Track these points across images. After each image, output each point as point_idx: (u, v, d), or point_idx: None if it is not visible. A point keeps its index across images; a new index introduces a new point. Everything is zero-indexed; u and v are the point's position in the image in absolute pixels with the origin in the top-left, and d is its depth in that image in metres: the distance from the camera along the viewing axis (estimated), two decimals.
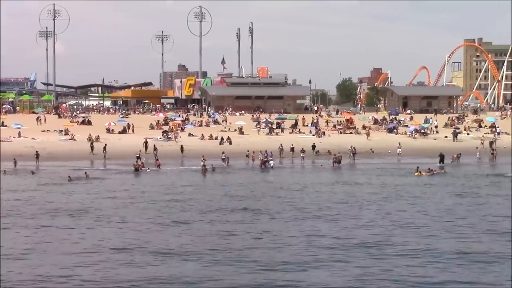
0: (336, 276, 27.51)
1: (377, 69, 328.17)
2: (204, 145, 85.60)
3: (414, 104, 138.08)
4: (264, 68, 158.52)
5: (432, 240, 33.85)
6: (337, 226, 37.70)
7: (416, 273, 27.91)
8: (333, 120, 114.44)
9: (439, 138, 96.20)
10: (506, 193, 51.15)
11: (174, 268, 28.76)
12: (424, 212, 42.73)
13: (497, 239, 34.41)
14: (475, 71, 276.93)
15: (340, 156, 72.31)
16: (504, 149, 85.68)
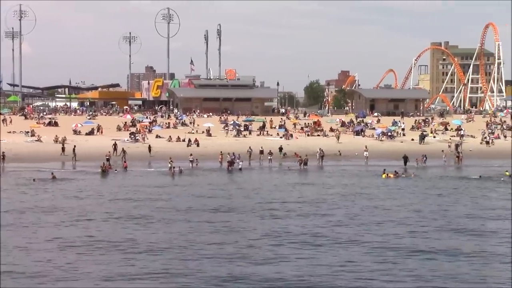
0: (288, 266, 29.13)
1: (344, 72, 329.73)
2: (171, 147, 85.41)
3: (381, 107, 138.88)
4: (232, 70, 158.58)
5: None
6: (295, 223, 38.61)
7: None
8: (301, 122, 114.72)
9: (405, 141, 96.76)
10: (471, 194, 51.85)
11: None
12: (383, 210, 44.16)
13: (454, 237, 35.43)
14: (441, 74, 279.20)
15: (307, 158, 72.60)
16: (469, 152, 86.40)
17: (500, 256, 31.45)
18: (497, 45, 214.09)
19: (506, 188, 56.46)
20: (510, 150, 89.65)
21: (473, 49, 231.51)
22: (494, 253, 32.11)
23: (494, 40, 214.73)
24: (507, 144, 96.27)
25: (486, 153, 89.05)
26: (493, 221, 40.51)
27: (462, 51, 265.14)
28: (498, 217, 41.94)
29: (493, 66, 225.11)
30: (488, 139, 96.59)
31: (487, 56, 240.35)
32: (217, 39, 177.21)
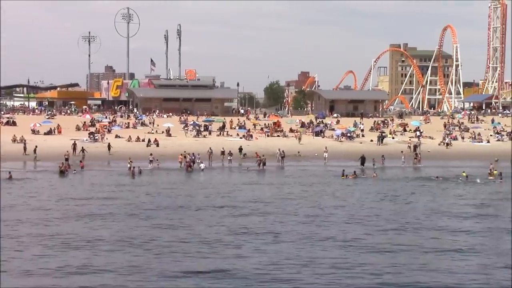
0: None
1: (304, 73, 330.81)
2: (131, 147, 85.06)
3: (340, 108, 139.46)
4: (192, 70, 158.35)
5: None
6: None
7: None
8: (261, 123, 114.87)
9: (365, 141, 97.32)
10: (428, 194, 52.33)
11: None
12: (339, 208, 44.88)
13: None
14: (400, 75, 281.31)
15: (265, 158, 72.78)
16: (428, 153, 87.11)
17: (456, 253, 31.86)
18: (455, 47, 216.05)
19: (463, 188, 57.10)
20: (467, 151, 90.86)
21: (431, 51, 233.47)
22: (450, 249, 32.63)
23: (452, 42, 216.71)
24: (464, 145, 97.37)
25: (444, 154, 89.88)
26: (449, 220, 40.91)
27: (421, 53, 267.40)
28: (455, 216, 42.46)
29: (451, 68, 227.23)
30: (448, 140, 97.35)
31: (446, 58, 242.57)
32: (177, 39, 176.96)
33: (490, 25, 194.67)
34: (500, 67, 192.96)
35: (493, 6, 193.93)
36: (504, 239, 35.57)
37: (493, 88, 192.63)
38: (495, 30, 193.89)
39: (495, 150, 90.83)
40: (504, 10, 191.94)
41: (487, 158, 78.38)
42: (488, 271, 28.76)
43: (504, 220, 41.03)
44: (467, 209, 46.03)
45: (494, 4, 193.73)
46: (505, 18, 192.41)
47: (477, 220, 41.86)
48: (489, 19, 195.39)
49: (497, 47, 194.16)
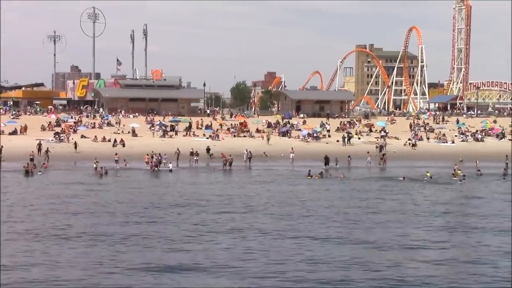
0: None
1: (271, 73, 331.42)
2: (96, 147, 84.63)
3: (307, 108, 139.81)
4: (158, 70, 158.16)
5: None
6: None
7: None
8: (227, 123, 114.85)
9: (331, 142, 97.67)
10: (393, 194, 52.71)
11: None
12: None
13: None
14: (366, 76, 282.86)
15: (231, 159, 72.87)
16: (393, 153, 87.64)
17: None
18: (421, 48, 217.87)
19: (428, 189, 57.57)
20: (432, 152, 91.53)
21: (397, 52, 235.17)
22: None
23: (418, 43, 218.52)
24: (430, 145, 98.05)
25: (410, 154, 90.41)
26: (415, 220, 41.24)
27: (387, 54, 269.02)
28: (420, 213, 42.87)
29: (416, 69, 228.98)
30: (414, 141, 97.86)
31: (411, 59, 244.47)
32: (144, 39, 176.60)
33: (454, 26, 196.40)
34: (465, 68, 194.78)
35: (458, 8, 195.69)
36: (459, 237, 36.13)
37: (457, 89, 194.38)
38: (459, 32, 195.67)
39: (460, 150, 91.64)
40: (469, 11, 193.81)
41: (452, 159, 79.21)
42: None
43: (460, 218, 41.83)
44: (431, 207, 46.78)
45: (459, 6, 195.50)
46: (470, 19, 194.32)
47: (439, 218, 42.67)
48: (453, 20, 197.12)
49: (462, 48, 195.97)
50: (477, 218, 42.70)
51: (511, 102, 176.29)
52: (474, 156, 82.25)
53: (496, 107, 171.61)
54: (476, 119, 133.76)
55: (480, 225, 39.97)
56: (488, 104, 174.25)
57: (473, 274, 28.48)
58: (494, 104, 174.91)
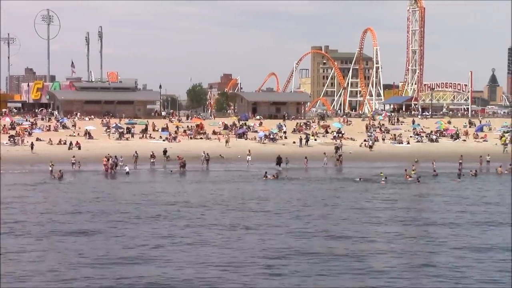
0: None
1: (227, 75, 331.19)
2: (52, 150, 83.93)
3: (263, 110, 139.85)
4: (114, 72, 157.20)
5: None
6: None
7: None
8: (184, 125, 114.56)
9: (287, 143, 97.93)
10: (352, 195, 53.06)
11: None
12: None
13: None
14: (322, 78, 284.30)
15: (184, 160, 72.92)
16: (349, 154, 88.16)
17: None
18: (376, 49, 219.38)
19: (385, 189, 58.07)
20: (388, 153, 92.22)
21: (352, 54, 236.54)
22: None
23: (373, 45, 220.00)
24: (385, 146, 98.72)
25: (366, 155, 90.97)
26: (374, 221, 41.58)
27: (342, 55, 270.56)
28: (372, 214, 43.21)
29: (371, 70, 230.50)
30: (371, 143, 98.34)
31: (366, 60, 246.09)
32: (99, 41, 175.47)
33: (409, 28, 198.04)
34: (419, 69, 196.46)
35: (412, 9, 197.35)
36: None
37: (412, 90, 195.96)
38: (414, 33, 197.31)
39: (415, 151, 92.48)
40: (423, 13, 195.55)
41: (408, 159, 80.00)
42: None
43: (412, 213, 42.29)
44: (381, 205, 47.96)
45: (413, 7, 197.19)
46: (423, 21, 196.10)
47: (392, 213, 43.64)
48: (408, 22, 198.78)
49: (416, 50, 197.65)
50: (430, 214, 43.80)
51: (465, 103, 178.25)
52: (429, 156, 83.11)
53: (450, 108, 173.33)
54: (431, 120, 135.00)
55: (435, 220, 40.92)
56: (442, 105, 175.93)
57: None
58: (449, 105, 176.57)
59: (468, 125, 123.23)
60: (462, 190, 57.57)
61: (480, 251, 32.58)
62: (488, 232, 37.66)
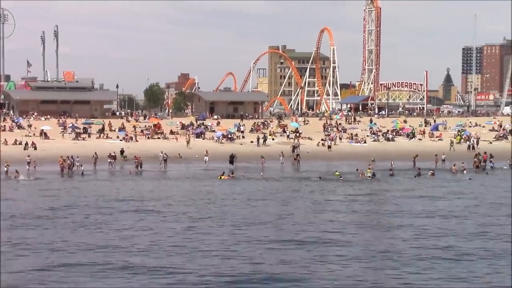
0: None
1: (184, 74, 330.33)
2: (7, 151, 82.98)
3: (221, 109, 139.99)
4: (70, 72, 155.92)
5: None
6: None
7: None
8: (141, 125, 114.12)
9: (245, 143, 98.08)
10: (311, 195, 53.32)
11: None
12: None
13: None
14: (279, 77, 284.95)
15: (141, 161, 73.05)
16: (307, 153, 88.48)
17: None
18: (332, 49, 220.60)
19: (343, 188, 58.46)
20: (345, 152, 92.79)
21: (309, 53, 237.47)
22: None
23: (329, 44, 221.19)
24: (342, 145, 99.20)
25: (323, 154, 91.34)
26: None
27: (299, 55, 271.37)
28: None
29: (328, 70, 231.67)
30: (330, 143, 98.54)
31: (323, 60, 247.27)
32: (54, 40, 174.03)
33: (365, 27, 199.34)
34: (376, 69, 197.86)
35: (368, 9, 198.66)
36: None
37: (369, 89, 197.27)
38: (370, 33, 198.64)
39: (372, 150, 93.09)
40: (379, 13, 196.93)
41: (365, 158, 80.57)
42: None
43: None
44: (340, 205, 48.33)
45: (369, 7, 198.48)
46: (380, 21, 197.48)
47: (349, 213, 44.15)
48: (364, 21, 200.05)
49: (372, 50, 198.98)
50: (389, 213, 44.37)
51: (420, 102, 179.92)
52: (386, 155, 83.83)
53: (406, 107, 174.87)
54: (387, 119, 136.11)
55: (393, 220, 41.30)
56: (398, 105, 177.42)
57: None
58: (404, 105, 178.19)
59: (423, 124, 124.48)
60: (421, 189, 58.06)
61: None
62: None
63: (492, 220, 41.44)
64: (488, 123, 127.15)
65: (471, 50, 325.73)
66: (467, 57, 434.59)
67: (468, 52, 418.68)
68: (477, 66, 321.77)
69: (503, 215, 43.35)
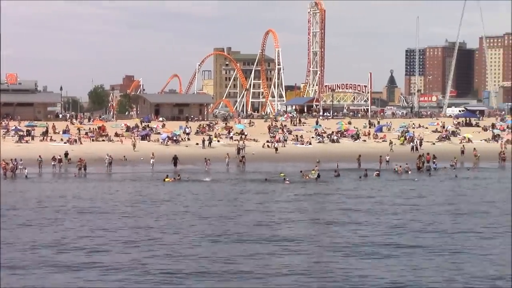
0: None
1: (129, 76, 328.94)
2: None
3: (166, 112, 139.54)
4: (13, 74, 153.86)
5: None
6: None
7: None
8: (85, 127, 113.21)
9: (190, 145, 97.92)
10: (257, 196, 53.49)
11: None
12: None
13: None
14: (224, 79, 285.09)
15: (85, 163, 72.62)
16: (252, 155, 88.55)
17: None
18: (277, 51, 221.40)
19: (288, 189, 58.74)
20: (291, 153, 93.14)
21: (254, 55, 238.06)
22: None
23: (274, 46, 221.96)
24: (288, 147, 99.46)
25: (269, 156, 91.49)
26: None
27: (244, 57, 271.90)
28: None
29: (273, 72, 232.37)
30: (277, 145, 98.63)
31: (268, 62, 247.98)
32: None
33: (310, 29, 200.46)
34: (320, 70, 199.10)
35: (312, 12, 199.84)
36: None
37: (314, 91, 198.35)
38: (314, 35, 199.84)
39: (318, 151, 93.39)
40: (323, 15, 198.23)
41: (310, 160, 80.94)
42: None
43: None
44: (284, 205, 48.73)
45: (313, 10, 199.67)
46: (324, 23, 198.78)
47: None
48: (308, 23, 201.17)
49: (317, 51, 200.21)
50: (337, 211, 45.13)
51: (365, 104, 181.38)
52: (331, 157, 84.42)
53: (351, 109, 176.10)
54: (332, 121, 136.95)
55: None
56: (343, 106, 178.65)
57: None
58: (349, 106, 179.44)
59: (368, 125, 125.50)
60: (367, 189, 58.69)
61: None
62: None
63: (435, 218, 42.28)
64: (431, 124, 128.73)
65: (414, 52, 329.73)
66: (410, 59, 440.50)
67: (411, 54, 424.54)
68: (420, 68, 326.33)
69: (445, 213, 44.66)
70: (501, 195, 54.88)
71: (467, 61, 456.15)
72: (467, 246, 33.95)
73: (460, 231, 37.96)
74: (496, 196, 54.53)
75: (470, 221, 41.59)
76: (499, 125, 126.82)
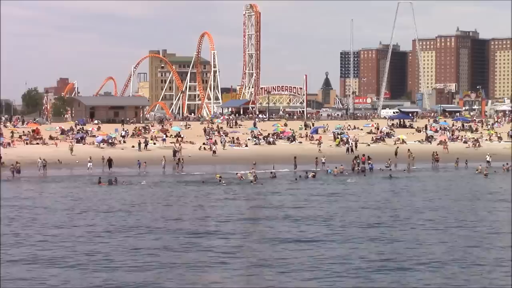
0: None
1: (63, 79, 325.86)
2: None
3: (101, 114, 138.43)
4: None
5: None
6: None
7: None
8: (19, 130, 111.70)
9: (126, 148, 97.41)
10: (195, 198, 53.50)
11: None
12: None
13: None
14: (160, 81, 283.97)
15: (19, 167, 71.71)
16: (189, 158, 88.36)
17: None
18: (213, 53, 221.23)
19: (224, 191, 58.96)
20: (227, 156, 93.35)
21: (190, 58, 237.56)
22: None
23: (210, 49, 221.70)
24: (225, 149, 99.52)
25: (205, 158, 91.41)
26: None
27: (180, 59, 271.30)
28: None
29: (209, 74, 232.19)
30: (215, 148, 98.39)
31: (204, 64, 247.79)
32: None
33: (245, 32, 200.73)
34: (256, 73, 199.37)
35: (248, 14, 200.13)
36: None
37: (250, 93, 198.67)
38: (250, 37, 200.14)
39: (254, 153, 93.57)
40: (258, 18, 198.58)
41: (246, 162, 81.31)
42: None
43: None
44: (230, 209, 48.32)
45: (249, 12, 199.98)
46: (259, 25, 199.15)
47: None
48: (244, 26, 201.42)
49: (253, 54, 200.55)
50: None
51: (300, 106, 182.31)
52: (267, 159, 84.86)
53: (287, 111, 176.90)
54: (268, 123, 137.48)
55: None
56: (279, 108, 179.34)
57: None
58: (285, 108, 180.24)
59: (303, 127, 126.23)
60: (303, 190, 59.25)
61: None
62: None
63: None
64: (366, 126, 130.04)
65: (348, 54, 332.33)
66: (345, 61, 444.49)
67: (346, 56, 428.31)
68: (355, 70, 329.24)
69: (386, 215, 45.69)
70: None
71: (400, 63, 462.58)
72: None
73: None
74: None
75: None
76: (432, 126, 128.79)
